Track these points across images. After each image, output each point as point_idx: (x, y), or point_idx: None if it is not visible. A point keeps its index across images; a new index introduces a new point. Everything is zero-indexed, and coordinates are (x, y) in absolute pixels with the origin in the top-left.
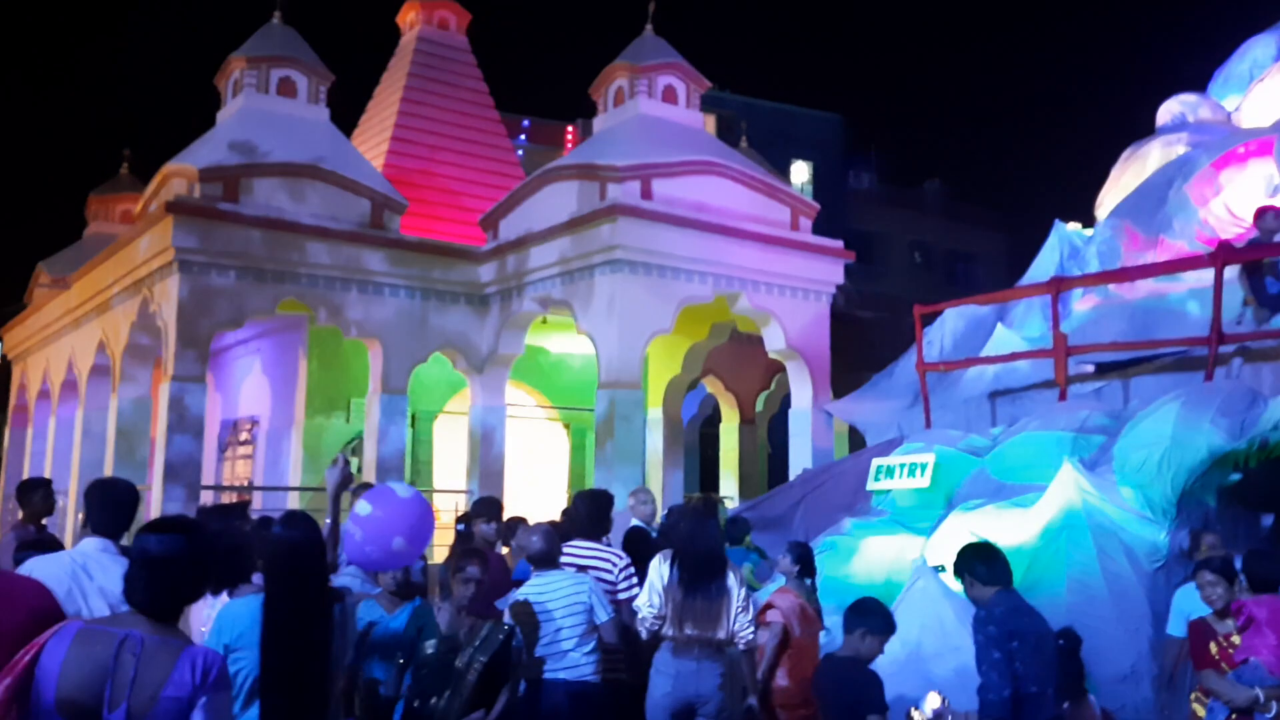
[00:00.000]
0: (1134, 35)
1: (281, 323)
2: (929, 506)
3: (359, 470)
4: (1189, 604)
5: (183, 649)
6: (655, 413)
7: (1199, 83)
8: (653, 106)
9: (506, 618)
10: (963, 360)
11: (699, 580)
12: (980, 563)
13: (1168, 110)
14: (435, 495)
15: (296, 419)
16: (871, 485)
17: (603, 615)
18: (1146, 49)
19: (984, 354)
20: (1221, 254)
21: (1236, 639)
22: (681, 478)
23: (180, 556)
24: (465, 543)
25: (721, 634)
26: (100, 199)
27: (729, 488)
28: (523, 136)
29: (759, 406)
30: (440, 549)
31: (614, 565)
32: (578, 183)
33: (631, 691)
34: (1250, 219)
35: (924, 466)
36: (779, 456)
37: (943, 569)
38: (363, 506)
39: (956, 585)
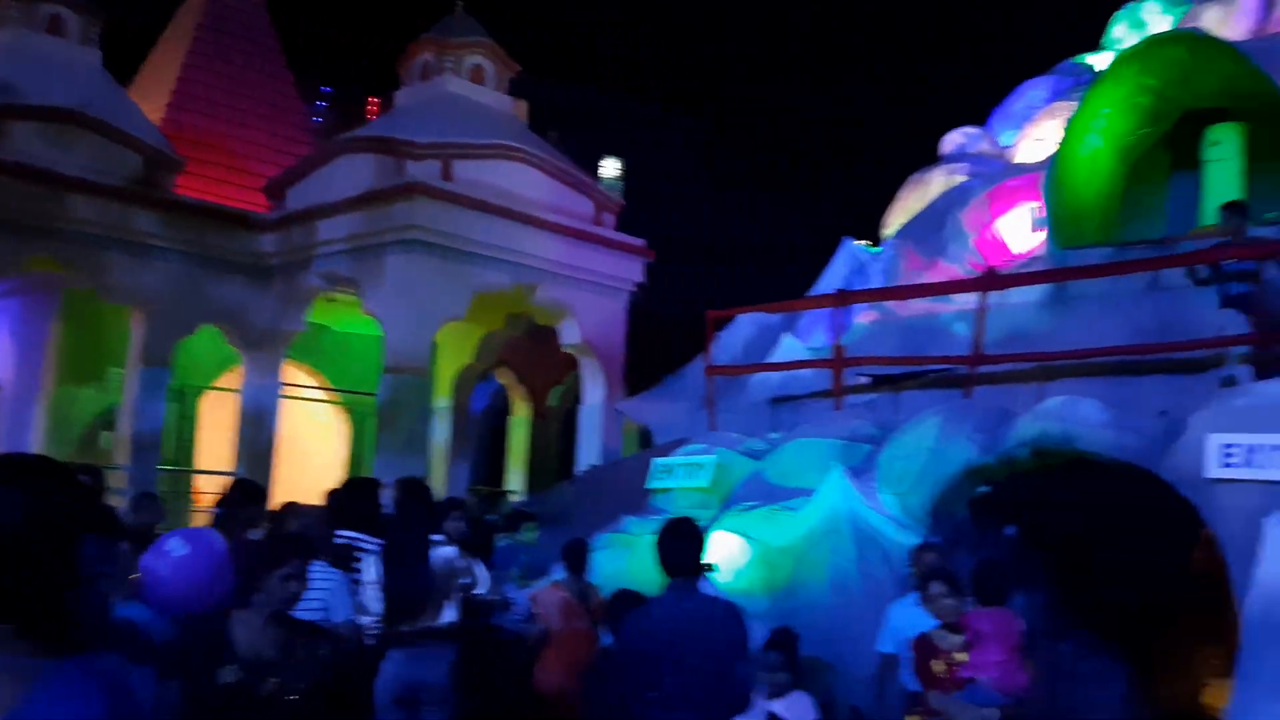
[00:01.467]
0: (926, 67)
1: (32, 281)
2: (707, 507)
3: (110, 445)
4: (903, 620)
5: None
6: (443, 402)
7: (980, 117)
8: (460, 86)
9: None
10: (749, 366)
11: (408, 570)
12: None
13: (951, 141)
14: (197, 476)
15: (44, 386)
16: (651, 484)
17: (338, 616)
18: (936, 81)
19: (770, 361)
20: (987, 280)
21: (963, 656)
22: (468, 469)
23: None
24: (242, 528)
25: (435, 620)
26: None
27: (516, 481)
28: (322, 104)
29: (553, 401)
30: None
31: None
32: (375, 156)
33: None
34: (1016, 247)
35: (704, 468)
36: (569, 452)
37: (715, 569)
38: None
39: (724, 584)
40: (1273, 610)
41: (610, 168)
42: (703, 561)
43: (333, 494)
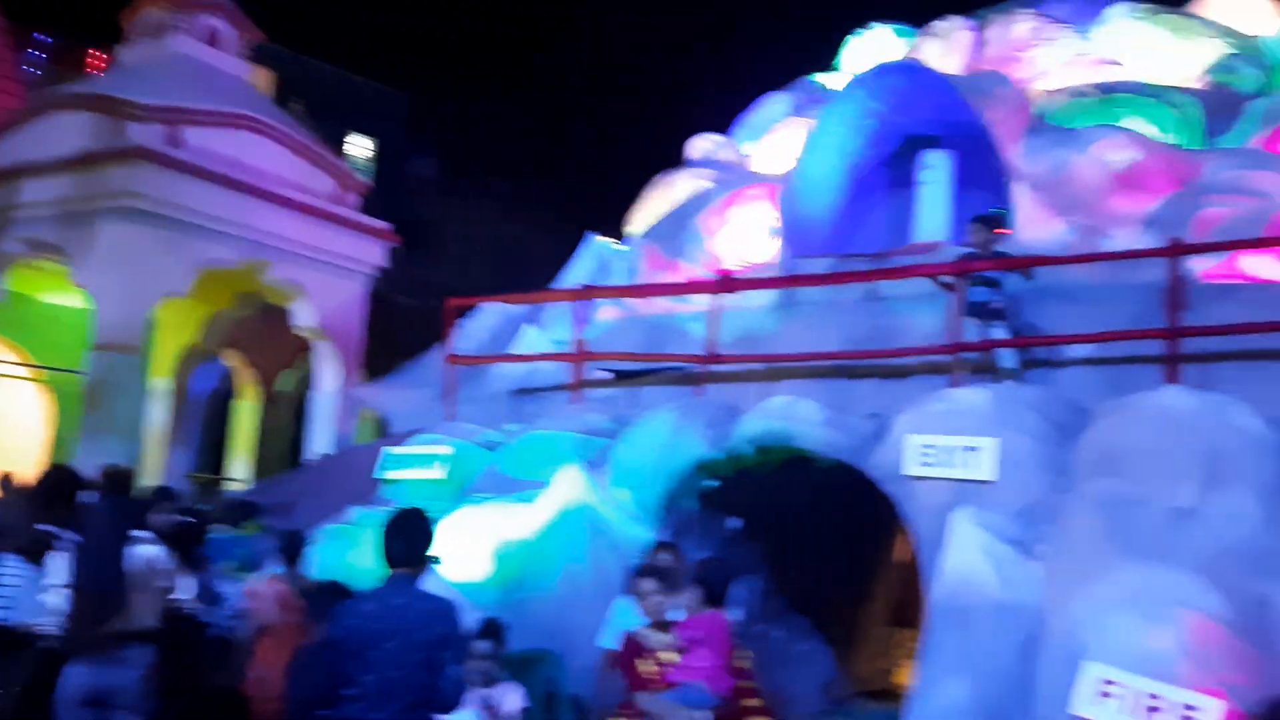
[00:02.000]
0: (676, 70)
1: None
2: (440, 499)
3: None
4: (626, 617)
5: None
6: (162, 383)
7: (724, 124)
8: (193, 48)
9: None
10: (490, 356)
11: (101, 570)
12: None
13: (696, 146)
14: None
15: None
16: (382, 474)
17: (22, 616)
18: (686, 84)
19: (512, 353)
20: (721, 283)
21: (673, 656)
22: (189, 455)
23: None
24: None
25: (130, 623)
26: None
27: (242, 470)
28: (38, 53)
29: (284, 385)
30: None
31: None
32: (93, 115)
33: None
34: (751, 254)
35: (438, 458)
36: (300, 439)
37: (438, 561)
38: None
39: (453, 578)
40: (954, 597)
41: (360, 147)
42: (428, 554)
43: (37, 481)
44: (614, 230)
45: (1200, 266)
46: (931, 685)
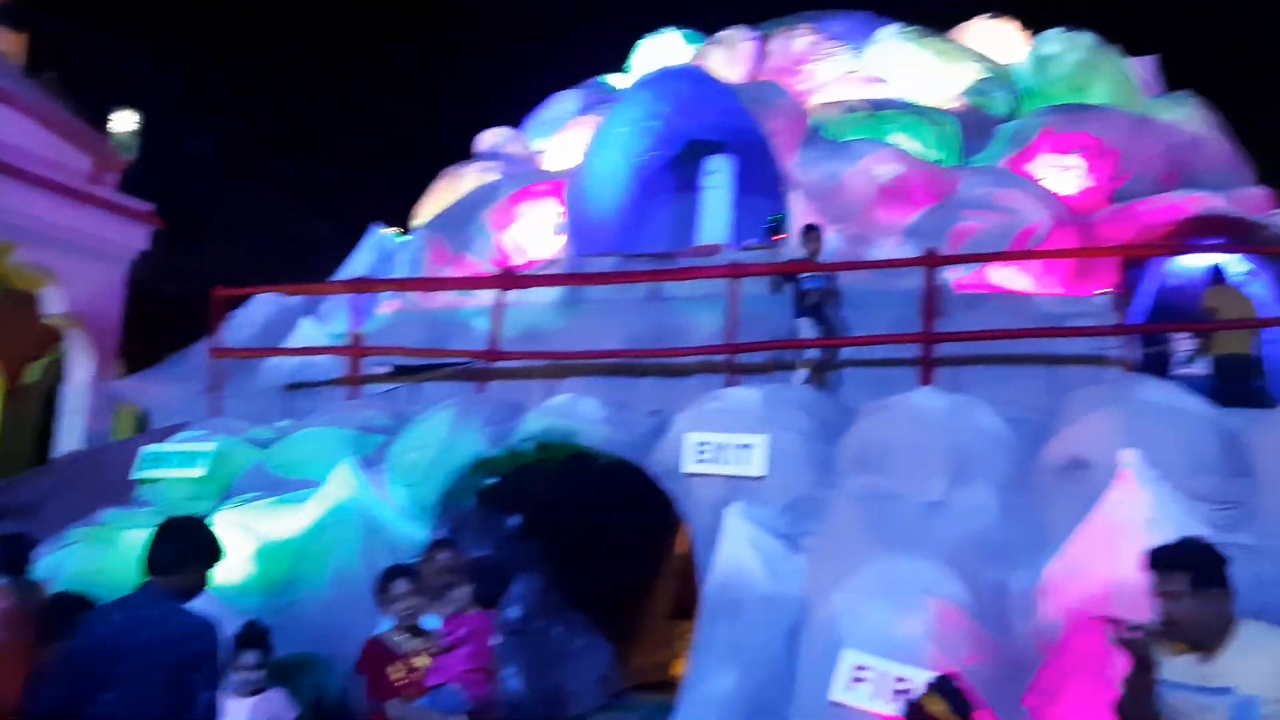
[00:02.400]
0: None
1: None
2: (202, 499)
3: None
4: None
5: None
6: None
7: (516, 119)
8: None
9: None
10: (260, 349)
11: None
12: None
13: (486, 140)
14: None
15: None
16: (139, 474)
17: None
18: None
19: (286, 345)
20: (506, 279)
21: (424, 660)
22: None
23: None
24: None
25: None
26: None
27: None
28: None
29: (32, 377)
30: None
31: None
32: None
33: None
34: (537, 251)
35: (201, 456)
36: (50, 435)
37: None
38: None
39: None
40: (725, 589)
41: (124, 122)
42: (198, 567)
43: None
44: (400, 221)
45: (954, 276)
46: (702, 676)
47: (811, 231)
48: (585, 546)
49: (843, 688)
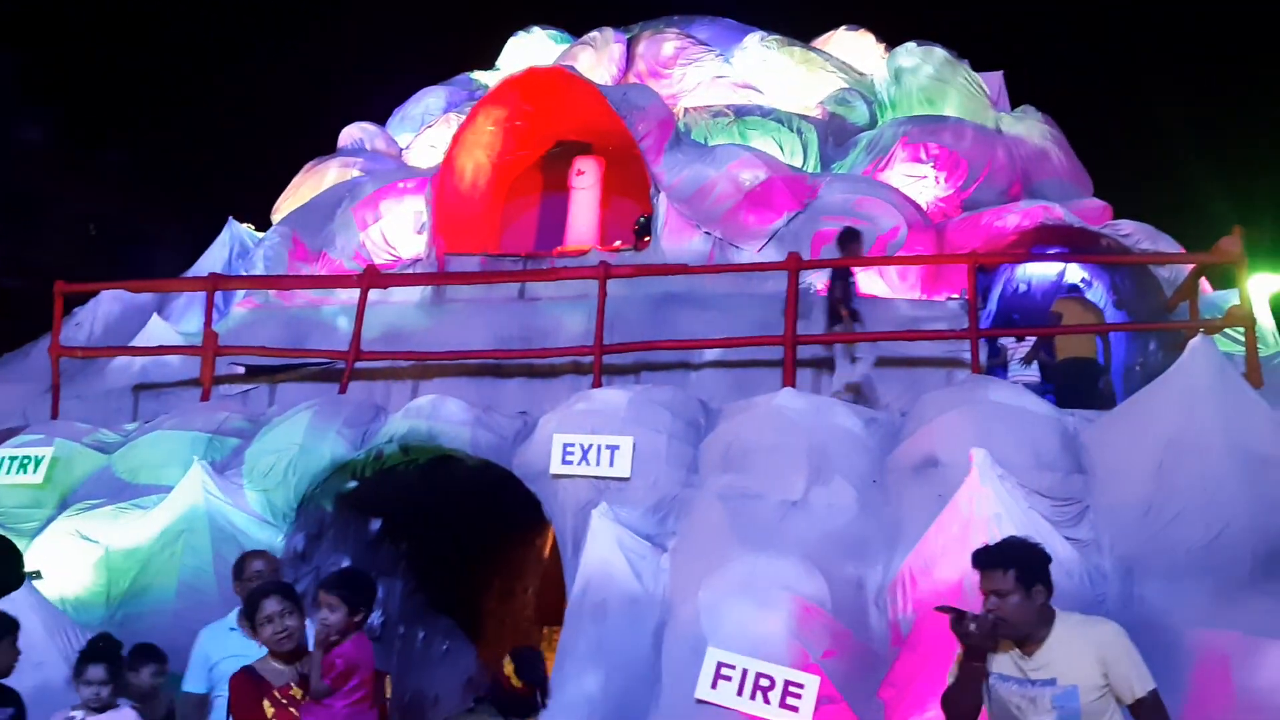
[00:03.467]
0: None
1: None
2: (40, 505)
3: None
4: (218, 647)
5: None
6: None
7: (381, 115)
8: None
9: None
10: (105, 349)
11: None
12: None
13: (349, 134)
14: None
15: None
16: None
17: None
18: (343, 68)
19: (133, 344)
20: (368, 277)
21: (297, 691)
22: None
23: None
24: None
25: None
26: None
27: None
28: None
29: None
30: None
31: None
32: None
33: None
34: (401, 249)
35: (38, 460)
36: None
37: (39, 575)
38: None
39: (52, 593)
40: (591, 591)
41: None
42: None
43: None
44: (258, 217)
45: (816, 281)
46: (568, 678)
47: (847, 235)
48: (450, 550)
49: (707, 686)
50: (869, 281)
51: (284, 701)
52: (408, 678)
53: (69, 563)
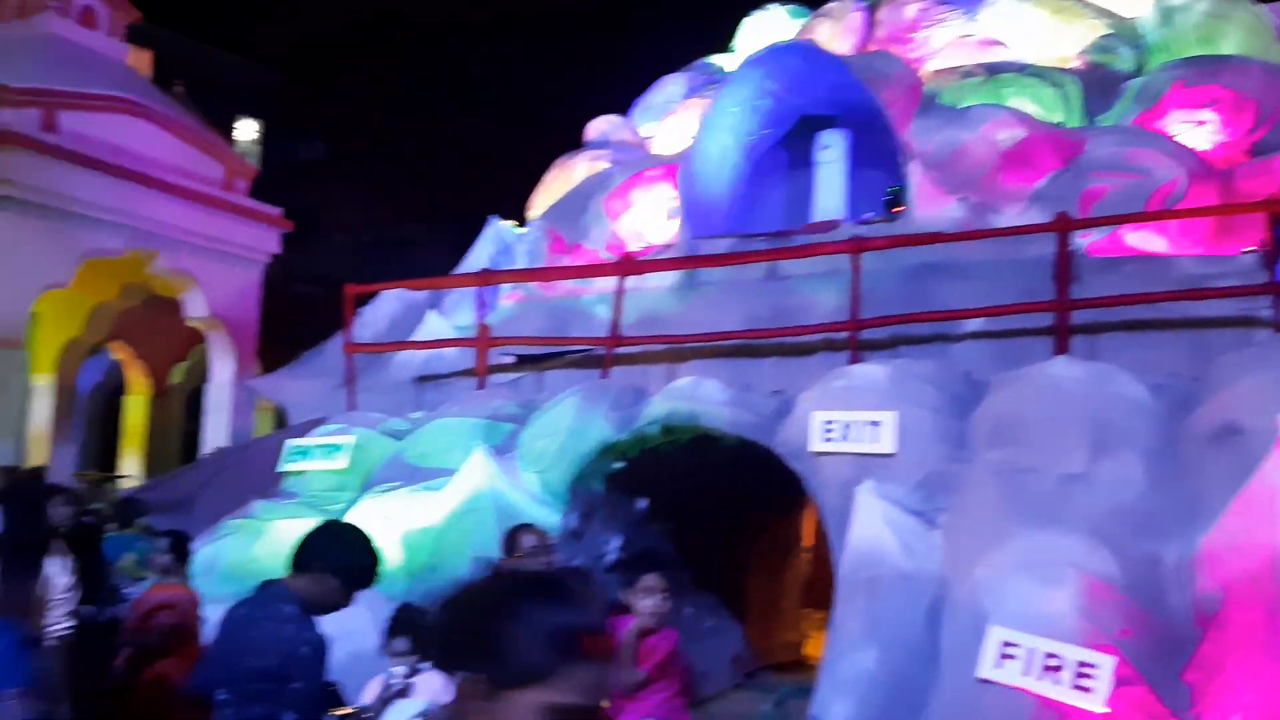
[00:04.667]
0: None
1: None
2: (344, 489)
3: None
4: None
5: None
6: (45, 379)
7: (624, 106)
8: (66, 28)
9: None
10: (391, 344)
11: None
12: None
13: (595, 128)
14: None
15: None
16: (284, 466)
17: None
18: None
19: (414, 339)
20: (624, 265)
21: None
22: (75, 453)
23: None
24: None
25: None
26: None
27: (132, 466)
28: None
29: (176, 378)
30: None
31: None
32: None
33: None
34: (653, 236)
35: (342, 448)
36: (194, 434)
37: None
38: None
39: None
40: (860, 568)
41: (247, 130)
42: (327, 567)
43: None
44: (515, 214)
45: (1086, 241)
46: (841, 655)
47: None
48: (713, 528)
49: (990, 665)
50: (1146, 239)
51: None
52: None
53: (378, 544)
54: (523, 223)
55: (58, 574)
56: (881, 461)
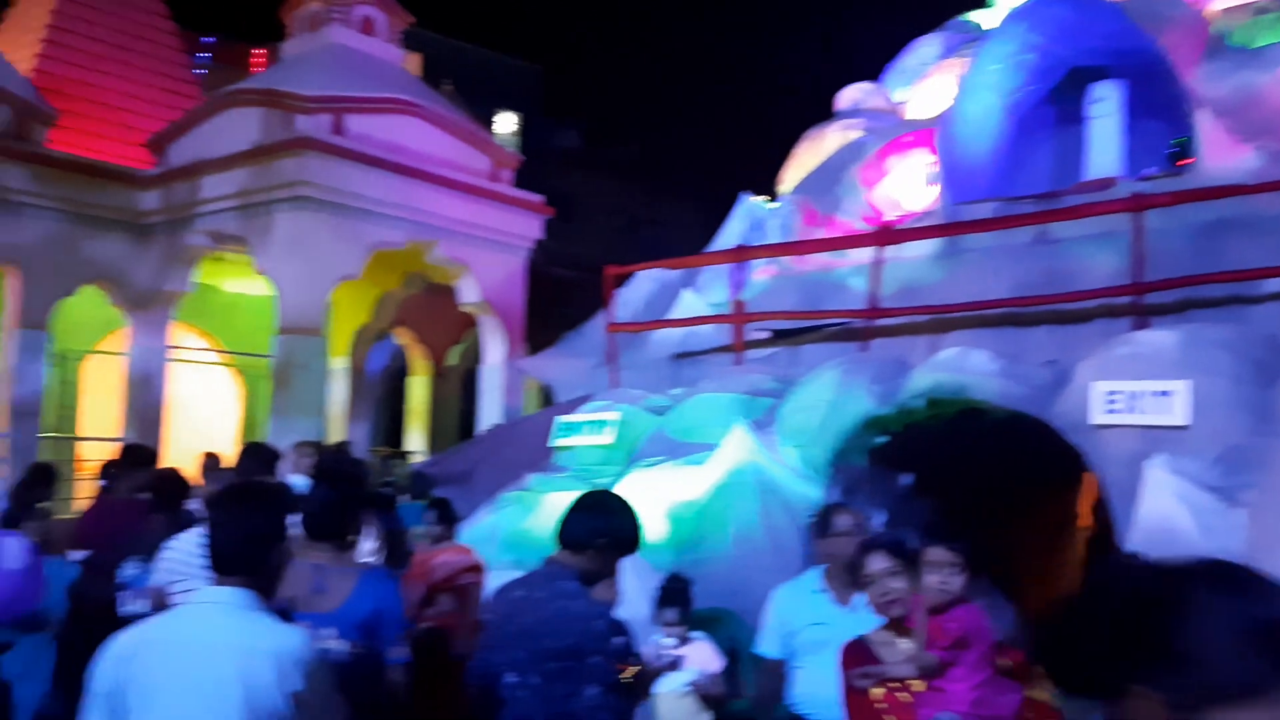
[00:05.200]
0: (822, 23)
1: None
2: (611, 463)
3: None
4: (792, 609)
5: None
6: (340, 363)
7: (875, 73)
8: (349, 37)
9: None
10: (650, 322)
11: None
12: None
13: (846, 97)
14: (82, 444)
15: None
16: (555, 442)
17: None
18: (830, 36)
19: (670, 317)
20: (882, 235)
21: (919, 684)
22: (367, 431)
23: None
24: (129, 493)
25: None
26: None
27: (417, 442)
28: (205, 55)
29: (453, 360)
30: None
31: None
32: (262, 110)
33: None
34: (910, 203)
35: (607, 424)
36: (470, 412)
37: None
38: None
39: None
40: (1151, 546)
41: (506, 122)
42: (607, 544)
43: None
44: (766, 189)
45: None
46: None
47: None
48: (980, 505)
49: None
50: None
51: (892, 684)
52: None
53: (641, 513)
54: (774, 198)
55: (364, 538)
56: (1173, 434)
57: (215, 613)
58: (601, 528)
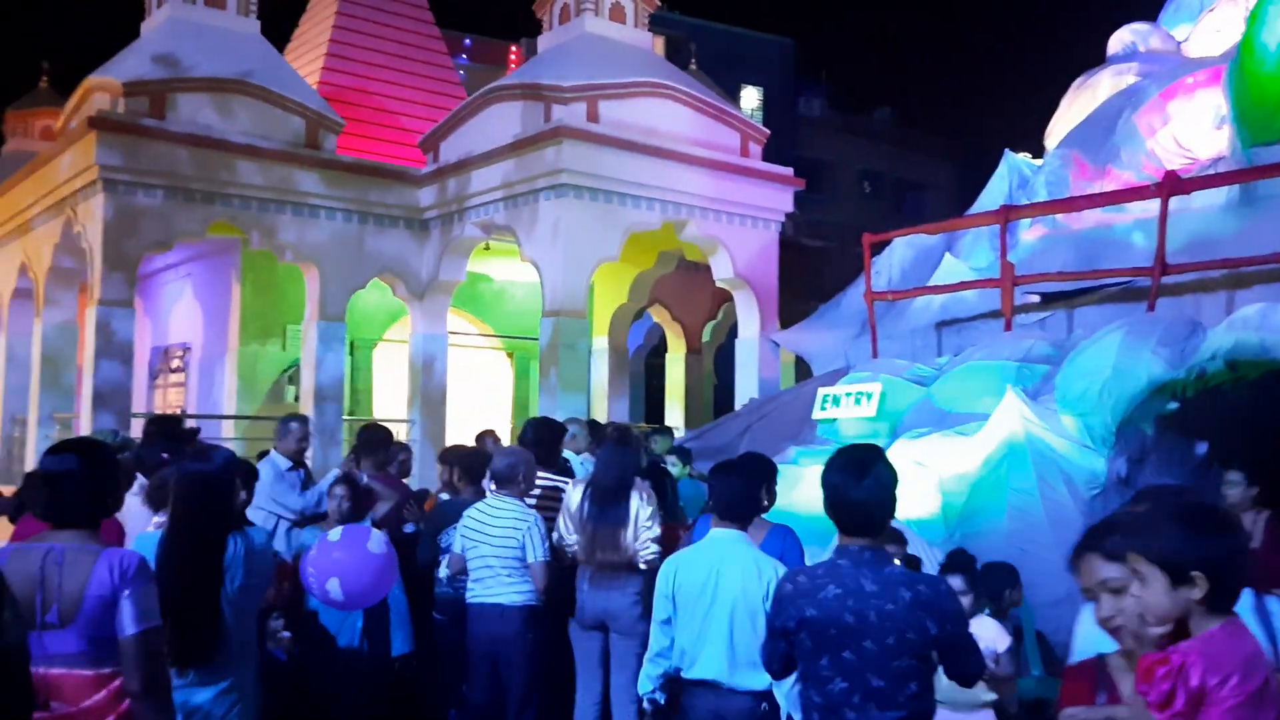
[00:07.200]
0: None
1: (213, 246)
2: (874, 435)
3: (296, 399)
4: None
5: (100, 553)
6: (600, 342)
7: (1150, 12)
8: (599, 25)
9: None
10: (910, 290)
11: (604, 508)
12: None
13: (1119, 39)
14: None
15: (230, 346)
16: (817, 414)
17: (533, 556)
18: None
19: (931, 284)
20: (1167, 185)
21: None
22: (627, 407)
23: (73, 473)
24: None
25: (622, 556)
26: (18, 114)
27: (675, 418)
28: (464, 56)
29: (706, 336)
30: None
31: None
32: (521, 103)
33: (547, 613)
34: (1198, 150)
35: (870, 396)
36: (725, 386)
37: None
38: (334, 533)
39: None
40: None
41: (750, 97)
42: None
43: (522, 433)
44: (1029, 146)
45: None
46: None
47: None
48: None
49: None
50: None
51: None
52: None
53: (909, 486)
54: (1039, 154)
55: (643, 505)
56: None
57: (725, 544)
58: (882, 500)
